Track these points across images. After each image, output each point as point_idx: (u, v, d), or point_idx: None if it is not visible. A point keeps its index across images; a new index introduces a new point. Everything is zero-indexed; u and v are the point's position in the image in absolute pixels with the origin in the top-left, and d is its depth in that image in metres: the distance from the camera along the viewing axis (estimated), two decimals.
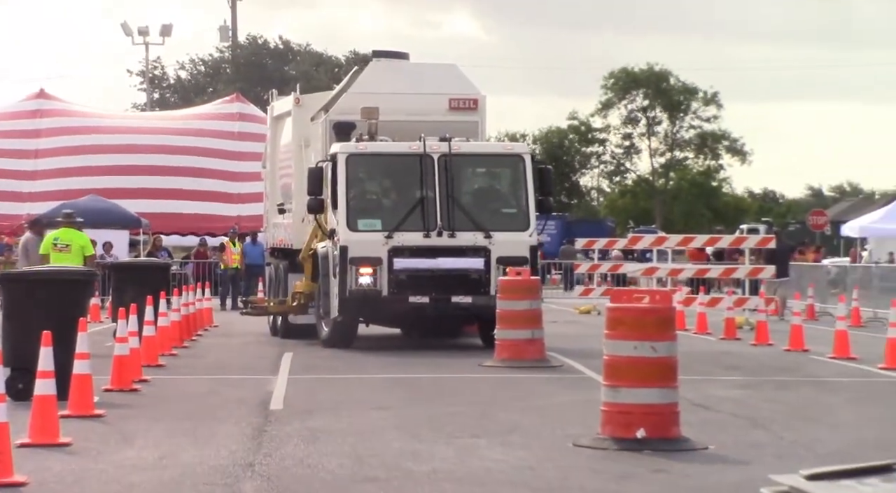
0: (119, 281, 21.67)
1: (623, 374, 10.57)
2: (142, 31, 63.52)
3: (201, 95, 69.36)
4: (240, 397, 14.40)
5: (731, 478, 9.41)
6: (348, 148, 20.75)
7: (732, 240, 30.56)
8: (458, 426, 11.99)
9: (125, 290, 20.39)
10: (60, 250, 19.61)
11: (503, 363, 17.53)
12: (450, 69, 22.90)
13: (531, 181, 20.75)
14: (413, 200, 20.60)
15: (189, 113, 51.96)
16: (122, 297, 19.70)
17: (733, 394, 14.82)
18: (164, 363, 17.83)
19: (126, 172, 44.09)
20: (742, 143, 77.81)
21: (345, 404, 13.66)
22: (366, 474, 9.47)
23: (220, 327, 27.15)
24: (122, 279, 21.47)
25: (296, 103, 23.52)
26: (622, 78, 76.92)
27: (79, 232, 20.35)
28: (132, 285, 20.43)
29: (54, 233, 20.17)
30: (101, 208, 38.37)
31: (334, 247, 20.45)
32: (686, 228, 62.59)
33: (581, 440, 10.78)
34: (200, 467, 9.70)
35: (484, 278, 19.69)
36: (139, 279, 20.76)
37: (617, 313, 10.66)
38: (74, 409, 12.14)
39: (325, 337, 21.21)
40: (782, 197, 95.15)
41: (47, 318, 12.45)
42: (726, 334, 23.54)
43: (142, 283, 20.25)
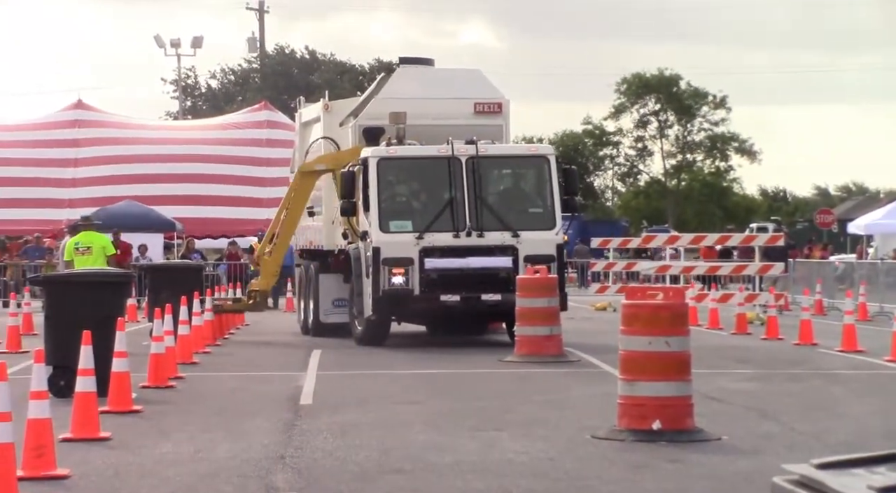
0: (154, 282, 22.10)
1: (638, 368, 10.84)
2: (174, 42, 64.06)
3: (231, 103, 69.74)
4: (271, 392, 14.66)
5: (744, 468, 9.59)
6: (379, 152, 21.10)
7: (742, 238, 30.79)
8: (481, 419, 12.23)
9: (160, 290, 20.82)
10: (82, 253, 19.82)
11: (523, 359, 17.85)
12: (474, 74, 23.24)
13: (556, 181, 21.06)
14: (442, 201, 20.93)
15: (220, 121, 52.48)
16: (157, 297, 20.15)
17: (745, 387, 15.02)
18: (198, 361, 18.10)
19: (160, 180, 44.84)
20: (751, 143, 78.15)
21: (371, 399, 13.89)
22: (392, 465, 9.70)
23: (251, 325, 27.40)
24: (158, 280, 21.91)
25: (325, 109, 23.86)
26: (634, 83, 77.59)
27: (98, 234, 20.59)
28: (167, 285, 20.86)
29: (75, 238, 20.39)
30: (136, 213, 38.99)
31: (367, 248, 20.81)
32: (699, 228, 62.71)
33: (599, 432, 11.02)
34: (234, 460, 9.93)
35: (512, 276, 19.96)
36: (174, 280, 21.19)
37: (632, 309, 10.92)
38: (113, 405, 12.38)
39: (358, 335, 21.56)
40: (791, 196, 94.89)
41: (87, 318, 12.71)
42: (738, 329, 23.77)
43: (176, 284, 20.67)
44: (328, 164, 23.07)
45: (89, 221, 20.67)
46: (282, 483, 9.06)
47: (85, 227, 20.44)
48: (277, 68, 73.67)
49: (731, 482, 9.20)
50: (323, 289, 23.33)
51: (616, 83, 78.49)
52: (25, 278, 32.50)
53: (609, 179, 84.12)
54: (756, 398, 13.87)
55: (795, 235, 53.84)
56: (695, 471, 9.53)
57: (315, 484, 9.05)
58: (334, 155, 23.09)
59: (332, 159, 23.00)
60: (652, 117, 78.98)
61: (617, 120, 79.46)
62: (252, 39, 73.56)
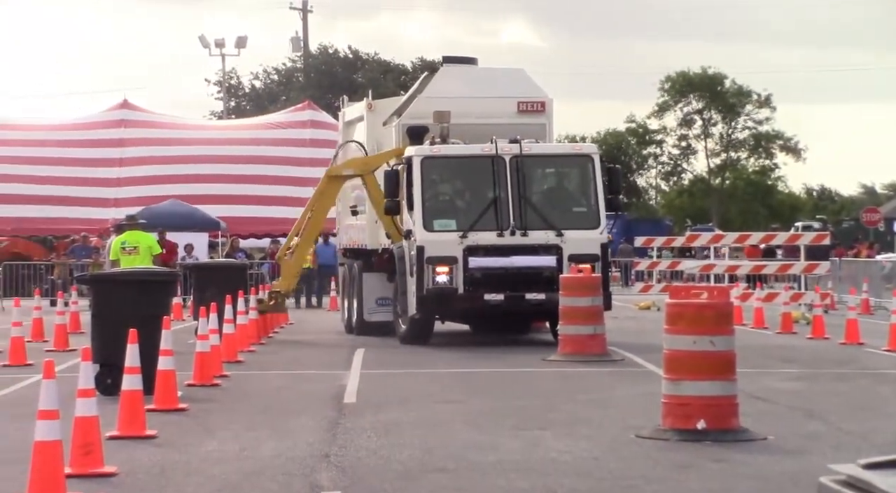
0: (200, 281, 22.24)
1: (683, 367, 10.82)
2: (218, 43, 64.41)
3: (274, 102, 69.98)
4: (315, 391, 14.74)
5: (790, 468, 9.55)
6: (423, 151, 21.14)
7: (787, 237, 30.63)
8: (524, 418, 12.25)
9: (206, 289, 20.94)
10: (129, 252, 19.93)
11: (566, 358, 17.86)
12: (518, 73, 23.24)
13: (600, 180, 21.03)
14: (486, 200, 20.94)
15: (263, 121, 52.76)
16: (202, 296, 20.27)
17: (791, 386, 14.97)
18: (242, 359, 18.21)
19: (205, 181, 45.18)
20: (796, 141, 77.76)
21: (414, 398, 13.93)
22: (435, 464, 9.73)
23: (295, 324, 27.53)
24: (203, 279, 22.04)
25: (369, 109, 23.93)
26: (678, 82, 77.41)
27: (144, 233, 20.70)
28: (212, 284, 20.98)
29: (121, 237, 20.51)
30: (181, 212, 39.26)
31: (411, 247, 20.86)
32: (743, 227, 62.44)
33: (643, 431, 11.02)
34: (279, 458, 9.99)
35: (556, 275, 19.94)
36: (219, 279, 21.31)
37: (676, 308, 10.91)
38: (159, 403, 12.48)
39: (402, 334, 21.62)
40: (837, 195, 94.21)
41: (133, 316, 12.82)
42: (783, 328, 23.68)
43: (221, 282, 20.80)
44: (356, 169, 23.17)
45: (135, 221, 20.76)
46: (326, 482, 9.11)
47: (131, 226, 20.55)
48: (321, 68, 73.89)
49: (777, 482, 9.17)
50: (367, 288, 23.39)
51: (660, 81, 78.45)
52: (72, 277, 32.77)
53: (653, 178, 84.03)
54: (802, 398, 13.82)
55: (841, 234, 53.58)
56: (740, 471, 9.50)
57: (359, 483, 9.09)
58: (363, 160, 23.19)
59: (361, 164, 23.09)
60: (696, 116, 78.80)
61: (661, 118, 79.35)
62: (296, 39, 73.85)
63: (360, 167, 23.06)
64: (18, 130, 48.70)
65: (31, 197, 44.53)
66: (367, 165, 22.89)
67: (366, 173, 22.84)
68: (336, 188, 24.03)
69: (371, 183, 22.71)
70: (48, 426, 8.28)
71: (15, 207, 44.06)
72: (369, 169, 22.78)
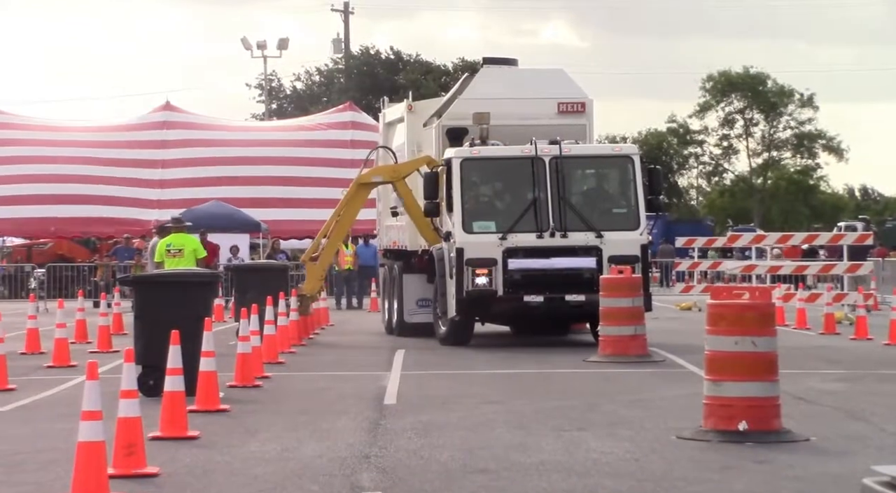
0: (241, 282, 22.33)
1: (724, 368, 10.78)
2: (260, 45, 64.68)
3: (316, 104, 70.16)
4: (355, 392, 14.77)
5: (834, 469, 9.52)
6: (462, 152, 21.16)
7: (830, 237, 30.41)
8: (565, 419, 12.24)
9: (247, 291, 21.02)
10: (174, 255, 20.00)
11: (607, 359, 17.84)
12: (557, 74, 23.21)
13: (640, 181, 20.98)
14: (526, 201, 20.93)
15: (305, 123, 52.95)
16: (243, 297, 20.36)
17: (833, 387, 14.87)
18: (283, 361, 18.28)
19: (246, 183, 45.42)
20: (839, 141, 77.28)
21: (455, 399, 13.95)
22: (476, 465, 9.74)
23: (335, 325, 27.61)
24: (244, 281, 22.12)
25: (409, 110, 23.97)
26: (720, 81, 77.04)
27: (189, 236, 20.75)
28: (253, 286, 21.07)
29: (166, 239, 20.57)
30: (223, 213, 39.47)
31: (450, 249, 20.87)
32: (785, 227, 62.07)
33: (684, 432, 10.99)
34: (320, 459, 10.03)
35: (596, 276, 19.90)
36: (260, 280, 21.39)
37: (718, 309, 10.88)
38: (201, 404, 12.55)
39: (442, 336, 21.64)
40: (880, 195, 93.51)
41: (175, 318, 12.87)
42: (826, 329, 23.55)
43: (263, 284, 20.87)
44: (385, 176, 23.20)
45: (181, 223, 20.82)
46: (367, 482, 9.14)
47: (177, 229, 20.62)
48: (362, 69, 74.04)
49: (820, 483, 9.14)
50: (407, 289, 23.43)
51: (701, 81, 78.14)
52: (115, 279, 32.99)
53: (694, 178, 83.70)
54: (845, 399, 13.74)
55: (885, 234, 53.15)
56: (782, 472, 9.47)
57: (400, 484, 9.12)
58: (392, 167, 23.22)
59: (391, 171, 23.12)
60: (737, 115, 78.44)
61: (702, 118, 79.02)
62: (337, 40, 74.14)
63: (390, 174, 23.10)
64: (62, 132, 49.12)
65: (74, 197, 44.87)
66: (397, 172, 22.94)
67: (396, 180, 22.86)
68: (365, 195, 24.02)
69: (402, 189, 22.74)
70: (91, 427, 8.35)
71: (58, 208, 44.40)
72: (399, 176, 22.82)
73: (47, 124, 49.98)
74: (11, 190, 44.99)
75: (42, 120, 51.23)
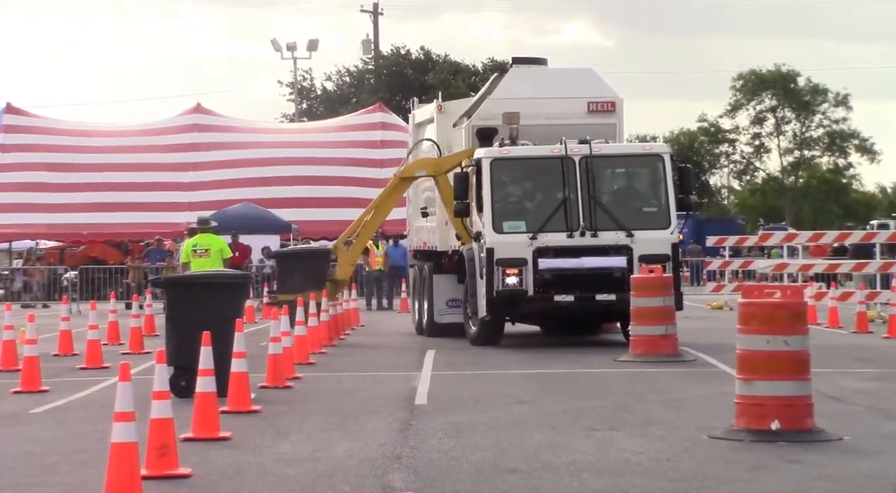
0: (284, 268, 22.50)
1: (756, 367, 10.76)
2: (290, 46, 64.86)
3: (346, 105, 70.24)
4: (386, 392, 14.80)
5: (867, 469, 9.49)
6: (492, 153, 21.15)
7: (863, 236, 30.24)
8: (596, 418, 12.24)
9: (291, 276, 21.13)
10: (200, 255, 20.05)
11: (638, 358, 17.80)
12: (587, 73, 23.17)
13: (671, 180, 20.91)
14: (556, 201, 20.91)
15: (335, 124, 53.04)
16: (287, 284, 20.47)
17: (867, 386, 14.81)
18: (314, 361, 18.31)
19: (277, 184, 45.58)
20: (872, 142, 76.88)
21: (486, 399, 13.96)
22: (507, 465, 9.76)
23: (366, 326, 27.66)
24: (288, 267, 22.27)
25: (438, 110, 23.97)
26: (751, 80, 76.73)
27: (216, 236, 20.78)
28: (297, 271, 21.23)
29: (193, 239, 20.63)
30: (253, 215, 39.61)
31: (480, 249, 20.87)
32: (816, 226, 61.71)
33: (716, 432, 10.96)
34: (351, 460, 10.06)
35: (626, 276, 19.86)
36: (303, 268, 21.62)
37: (749, 308, 10.85)
38: (233, 405, 12.61)
39: (472, 336, 21.64)
40: None
41: (207, 319, 12.95)
42: (858, 328, 23.42)
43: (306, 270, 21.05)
44: (428, 169, 23.18)
45: (207, 224, 20.88)
46: (398, 483, 9.17)
47: (203, 229, 20.69)
48: (392, 69, 74.09)
49: (853, 483, 9.12)
50: (437, 289, 23.44)
51: (732, 79, 77.82)
52: (147, 281, 33.14)
53: (725, 177, 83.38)
54: (878, 398, 13.67)
55: None
56: (815, 472, 9.44)
57: (431, 484, 9.13)
58: (435, 161, 23.19)
59: (433, 165, 23.11)
60: (769, 114, 78.08)
61: (733, 117, 78.69)
62: (367, 41, 74.15)
63: (433, 168, 23.09)
64: (94, 136, 49.39)
65: (106, 203, 45.14)
66: (440, 166, 22.93)
67: (438, 174, 22.87)
68: (404, 189, 24.08)
69: (444, 184, 22.74)
70: (124, 428, 8.39)
71: (91, 214, 44.67)
72: (442, 170, 22.82)
73: (79, 129, 50.24)
74: (45, 198, 45.36)
75: (74, 124, 51.50)
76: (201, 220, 21.20)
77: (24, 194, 45.43)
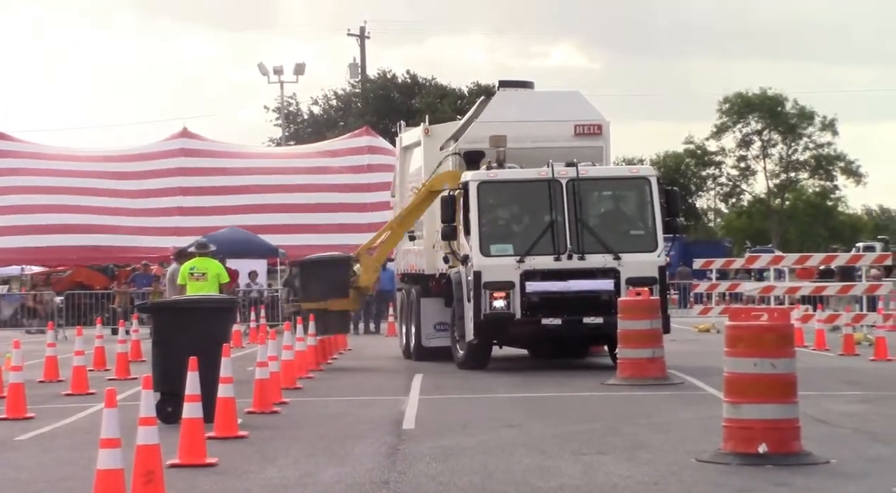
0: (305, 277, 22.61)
1: (744, 390, 10.76)
2: (277, 70, 64.95)
3: (333, 128, 70.31)
4: (374, 417, 14.77)
5: (854, 492, 9.48)
6: (479, 176, 21.18)
7: (849, 258, 30.32)
8: (584, 442, 12.22)
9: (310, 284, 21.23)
10: (197, 278, 20.03)
11: (625, 381, 17.80)
12: (574, 96, 23.23)
13: (658, 203, 20.95)
14: (543, 224, 20.92)
15: (322, 148, 53.04)
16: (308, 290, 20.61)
17: (853, 409, 14.81)
18: (301, 386, 18.28)
19: (264, 210, 45.58)
20: (857, 165, 77.18)
21: (473, 423, 13.94)
22: (495, 490, 9.72)
23: (353, 350, 27.61)
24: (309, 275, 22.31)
25: (425, 134, 23.98)
26: (737, 103, 77.04)
27: (213, 260, 20.75)
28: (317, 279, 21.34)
29: (190, 263, 20.61)
30: (240, 239, 39.53)
31: (468, 272, 20.87)
32: (803, 248, 61.82)
33: (704, 455, 10.96)
34: (338, 485, 10.01)
35: (614, 298, 19.86)
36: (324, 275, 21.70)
37: (736, 330, 10.86)
38: (220, 431, 12.58)
39: (460, 359, 21.61)
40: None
41: (193, 344, 12.91)
42: (845, 350, 23.44)
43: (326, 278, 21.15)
44: (451, 183, 22.77)
45: (206, 248, 20.83)
46: None
47: (201, 253, 20.66)
48: (379, 93, 74.21)
49: None
50: (424, 313, 23.42)
51: (718, 102, 78.07)
52: (133, 306, 33.04)
53: (711, 200, 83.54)
54: (865, 421, 13.68)
55: None
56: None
57: None
58: (455, 174, 22.69)
59: (453, 179, 22.67)
60: (755, 137, 78.28)
61: (719, 140, 78.87)
62: (354, 65, 74.25)
63: (454, 182, 22.81)
64: (80, 161, 49.31)
65: (92, 226, 45.04)
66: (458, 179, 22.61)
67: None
68: (432, 201, 23.38)
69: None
70: (110, 455, 8.36)
71: (77, 238, 44.57)
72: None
73: (64, 153, 50.16)
74: (29, 219, 45.22)
75: (59, 149, 51.42)
76: (200, 243, 21.16)
77: (10, 218, 45.35)
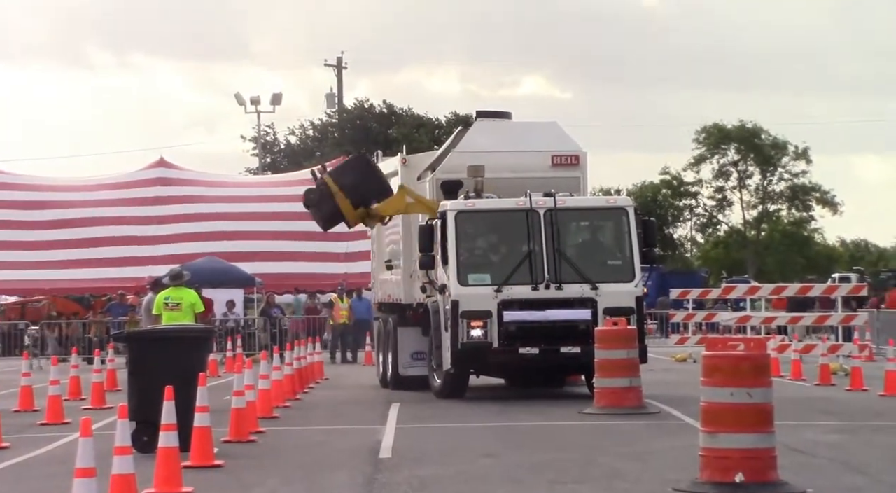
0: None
1: (720, 420, 10.78)
2: (254, 100, 64.95)
3: (310, 158, 70.40)
4: (351, 446, 14.75)
5: None
6: (457, 205, 21.21)
7: (825, 289, 30.48)
8: (561, 472, 12.22)
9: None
10: (172, 308, 19.95)
11: (602, 411, 17.80)
12: (551, 127, 23.28)
13: (635, 233, 21.01)
14: (521, 254, 20.95)
15: (299, 177, 53.03)
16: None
17: (830, 439, 14.85)
18: (278, 415, 18.23)
19: (241, 238, 45.47)
20: (833, 195, 77.70)
21: (451, 452, 13.93)
22: None
23: (330, 379, 27.55)
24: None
25: (402, 163, 24.01)
26: (714, 133, 77.52)
27: (188, 290, 20.68)
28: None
29: (165, 292, 20.52)
30: (217, 268, 39.41)
31: (445, 301, 20.88)
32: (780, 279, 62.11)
33: (681, 484, 10.95)
34: None
35: (591, 328, 19.88)
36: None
37: (713, 360, 10.89)
38: (196, 460, 12.53)
39: (437, 389, 21.59)
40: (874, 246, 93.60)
41: (169, 373, 12.88)
42: (821, 380, 23.50)
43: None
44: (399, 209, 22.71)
45: (180, 278, 20.75)
46: None
47: (175, 283, 20.58)
48: (356, 123, 74.32)
49: None
50: (402, 342, 23.40)
51: (695, 132, 78.50)
52: (109, 335, 32.92)
53: (688, 230, 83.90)
54: (841, 450, 13.71)
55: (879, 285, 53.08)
56: None
57: None
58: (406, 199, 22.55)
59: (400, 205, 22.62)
60: (732, 168, 78.72)
61: (697, 171, 79.26)
62: (330, 95, 74.37)
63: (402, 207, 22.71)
64: (55, 190, 49.21)
65: (69, 262, 44.98)
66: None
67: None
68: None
69: None
70: (85, 485, 8.33)
71: (54, 272, 44.51)
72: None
73: (40, 184, 50.09)
74: (4, 255, 45.16)
75: (35, 179, 51.33)
76: (174, 274, 21.03)
77: None
